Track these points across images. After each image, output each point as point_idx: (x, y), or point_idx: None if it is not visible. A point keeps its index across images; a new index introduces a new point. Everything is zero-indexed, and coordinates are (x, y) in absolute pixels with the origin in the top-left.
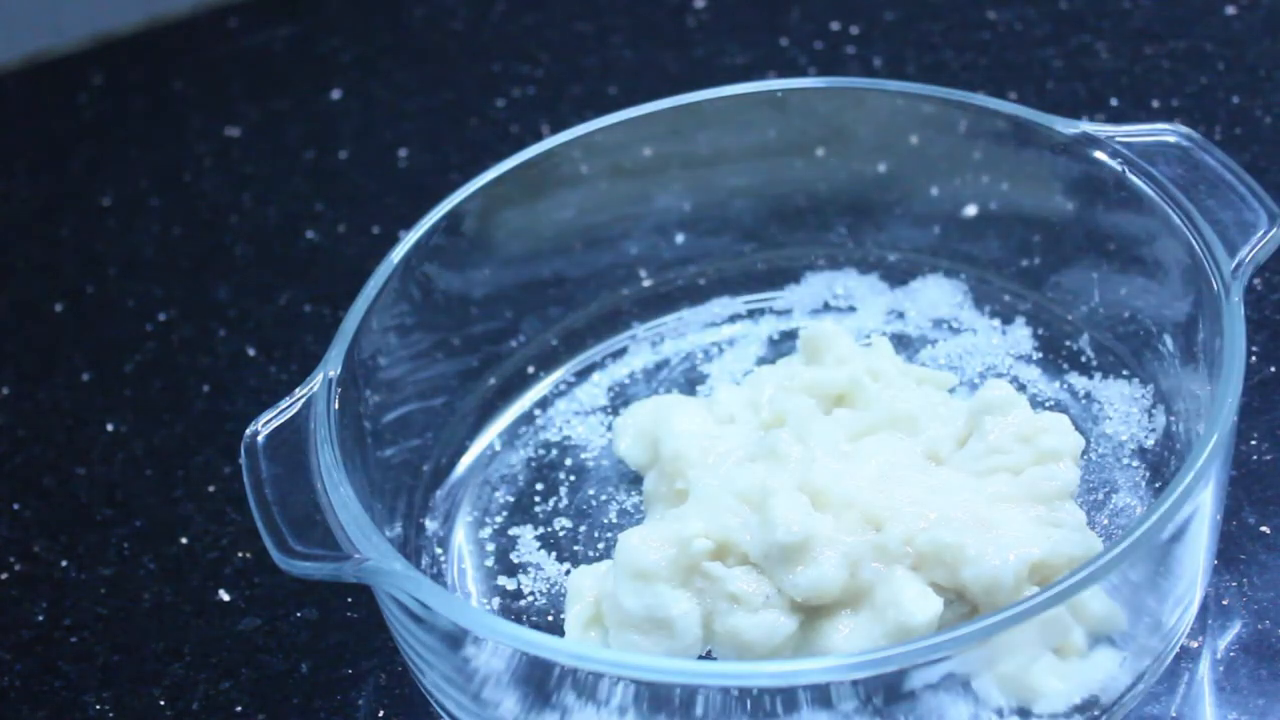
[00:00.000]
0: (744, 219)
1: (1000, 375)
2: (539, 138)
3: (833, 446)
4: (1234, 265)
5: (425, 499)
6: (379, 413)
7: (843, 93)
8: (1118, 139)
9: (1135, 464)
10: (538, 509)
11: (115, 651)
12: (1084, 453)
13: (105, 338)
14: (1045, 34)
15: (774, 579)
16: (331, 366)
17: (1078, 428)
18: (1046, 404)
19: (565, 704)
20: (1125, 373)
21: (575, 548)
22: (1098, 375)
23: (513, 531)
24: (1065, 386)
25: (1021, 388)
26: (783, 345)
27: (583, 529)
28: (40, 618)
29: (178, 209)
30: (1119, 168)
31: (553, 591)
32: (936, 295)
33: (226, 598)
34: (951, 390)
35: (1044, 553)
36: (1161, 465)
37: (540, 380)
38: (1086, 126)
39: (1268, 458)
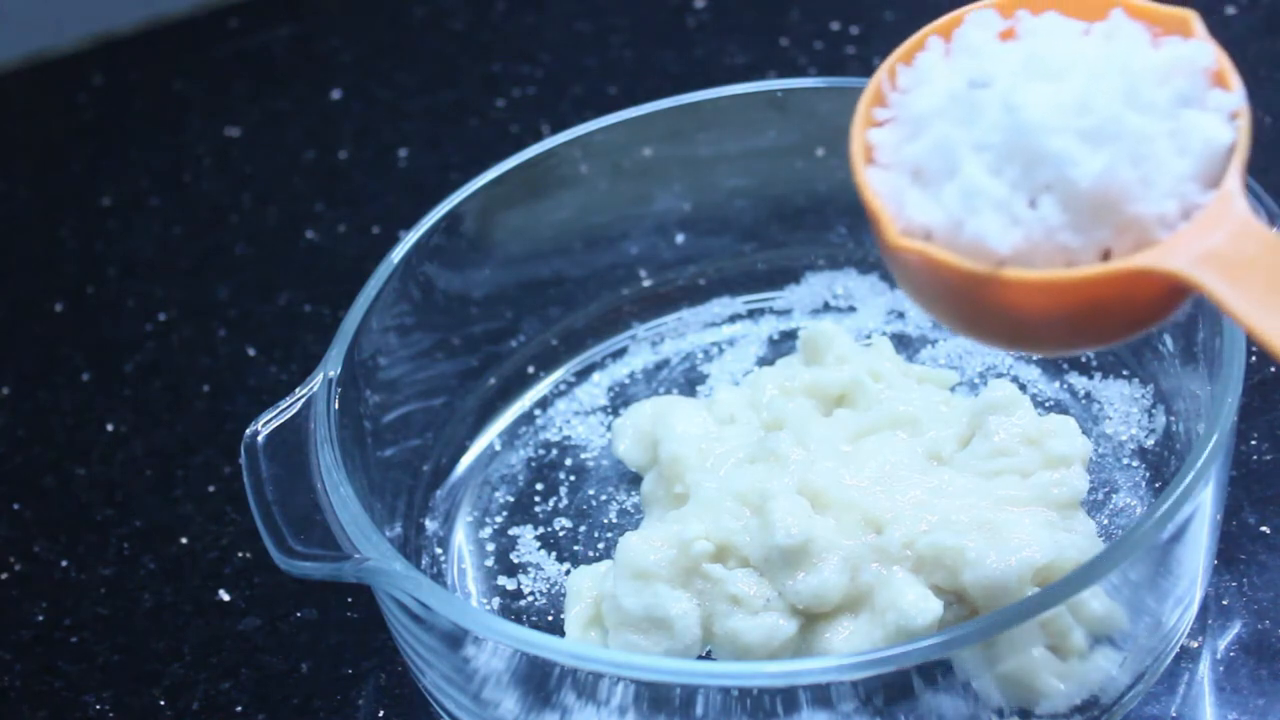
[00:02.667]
0: (744, 219)
1: (1000, 375)
2: (539, 138)
3: (833, 448)
4: None
5: (425, 499)
6: (379, 413)
7: (843, 93)
8: None
9: (1135, 464)
10: (538, 509)
11: (115, 651)
12: None
13: (105, 338)
14: None
15: (774, 583)
16: (331, 366)
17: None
18: (1046, 404)
19: (565, 704)
20: (1125, 373)
21: (575, 548)
22: (1098, 375)
23: (513, 531)
24: (1065, 386)
25: (1022, 388)
26: (783, 345)
27: (583, 529)
28: (40, 618)
29: (178, 209)
30: None
31: (553, 591)
32: None
33: (226, 598)
34: (952, 389)
35: (1049, 558)
36: (1161, 465)
37: (540, 380)
38: None
39: (1268, 458)
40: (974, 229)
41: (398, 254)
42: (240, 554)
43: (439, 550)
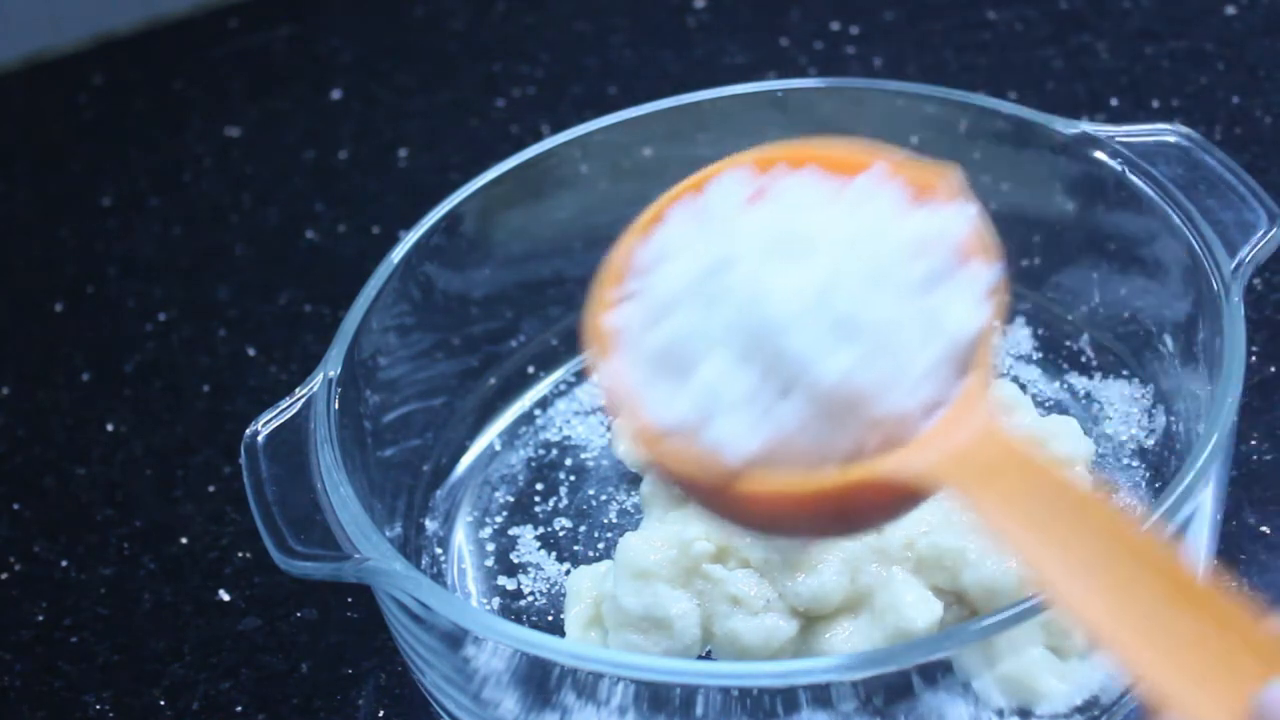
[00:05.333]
0: None
1: (1000, 375)
2: (539, 138)
3: None
4: (1234, 265)
5: (425, 499)
6: (379, 413)
7: (843, 93)
8: (1118, 139)
9: (1135, 464)
10: (538, 509)
11: (115, 651)
12: None
13: (105, 338)
14: (1045, 34)
15: (774, 584)
16: (331, 366)
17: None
18: (1047, 404)
19: (565, 704)
20: (1125, 373)
21: (575, 548)
22: (1098, 375)
23: (513, 531)
24: (1065, 386)
25: (1022, 388)
26: None
27: (583, 529)
28: (40, 618)
29: (178, 209)
30: (1119, 168)
31: (553, 591)
32: None
33: (226, 598)
34: None
35: None
36: (1161, 465)
37: (540, 380)
38: (1086, 126)
39: (1268, 458)
40: (713, 434)
41: (398, 254)
42: (240, 554)
43: (439, 550)
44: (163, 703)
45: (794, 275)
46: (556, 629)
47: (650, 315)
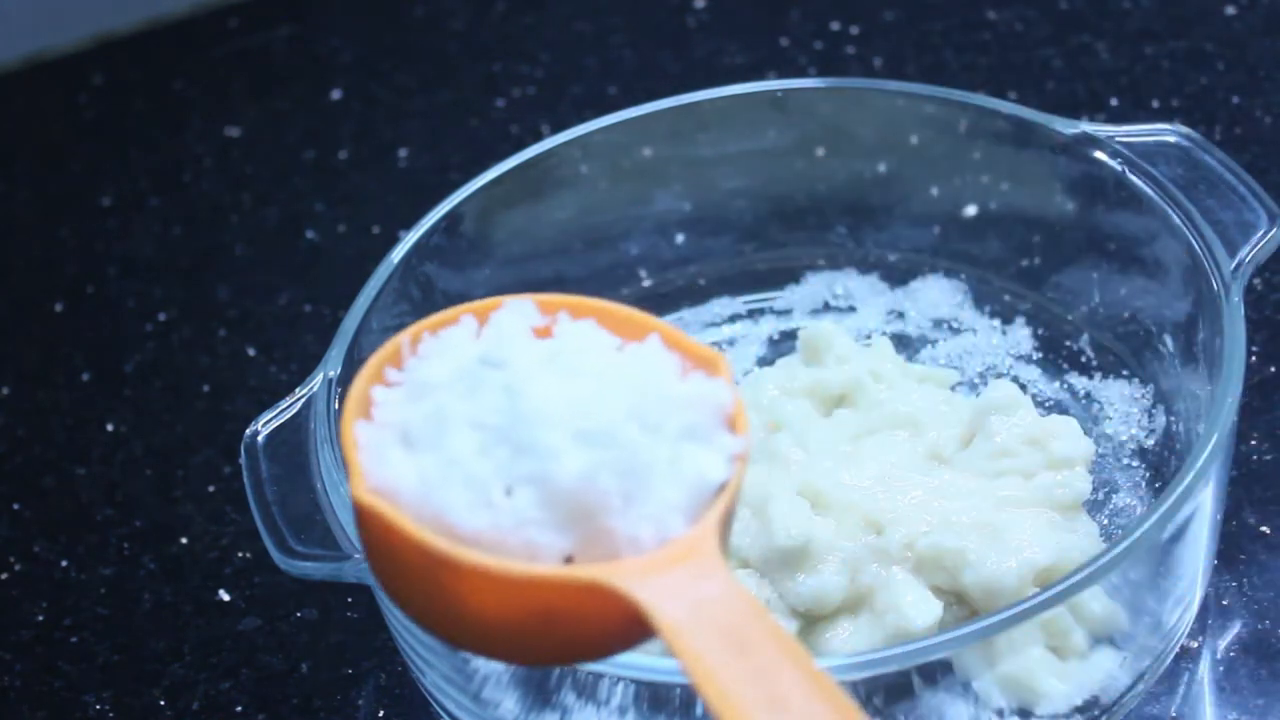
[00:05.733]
0: (744, 219)
1: (1000, 375)
2: (539, 138)
3: (833, 448)
4: (1234, 265)
5: None
6: None
7: (843, 93)
8: (1118, 139)
9: (1135, 464)
10: None
11: (115, 651)
12: None
13: (105, 338)
14: (1045, 34)
15: (774, 584)
16: (331, 366)
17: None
18: (1047, 404)
19: (565, 704)
20: (1125, 373)
21: None
22: (1098, 375)
23: None
24: (1065, 386)
25: (1022, 388)
26: (783, 345)
27: None
28: (40, 618)
29: (178, 209)
30: (1119, 168)
31: None
32: (936, 295)
33: (226, 598)
34: (952, 388)
35: (1051, 559)
36: (1161, 465)
37: None
38: (1086, 126)
39: (1268, 458)
40: (441, 500)
41: (398, 254)
42: (240, 554)
43: None
44: (163, 703)
45: (558, 385)
46: None
47: (411, 395)
